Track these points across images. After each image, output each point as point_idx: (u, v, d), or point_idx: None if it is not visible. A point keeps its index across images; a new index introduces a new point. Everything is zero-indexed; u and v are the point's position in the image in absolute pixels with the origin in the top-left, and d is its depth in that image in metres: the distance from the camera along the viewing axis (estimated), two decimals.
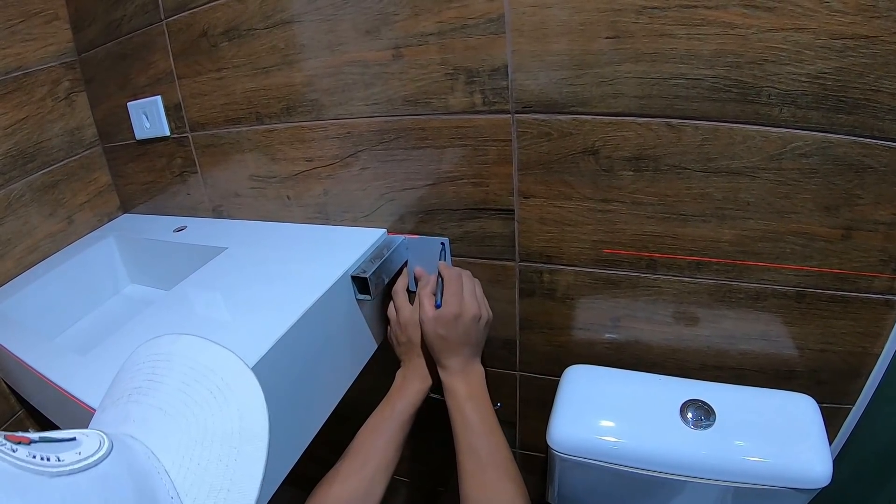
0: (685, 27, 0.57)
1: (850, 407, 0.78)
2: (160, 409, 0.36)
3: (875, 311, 0.68)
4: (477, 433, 0.69)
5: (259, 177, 0.89)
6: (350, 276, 0.72)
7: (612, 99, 0.62)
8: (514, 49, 0.63)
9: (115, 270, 1.01)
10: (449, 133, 0.71)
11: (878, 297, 0.67)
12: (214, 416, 0.35)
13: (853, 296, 0.68)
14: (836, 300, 0.68)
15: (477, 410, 0.71)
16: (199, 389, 0.37)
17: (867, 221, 0.62)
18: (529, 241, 0.75)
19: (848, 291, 0.68)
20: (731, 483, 0.68)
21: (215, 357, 0.39)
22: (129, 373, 0.40)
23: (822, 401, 0.75)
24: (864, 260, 0.65)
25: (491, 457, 0.67)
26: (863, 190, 0.61)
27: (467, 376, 0.73)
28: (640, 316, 0.76)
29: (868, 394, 0.76)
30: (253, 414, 0.36)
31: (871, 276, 0.66)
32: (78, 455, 0.28)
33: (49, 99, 0.98)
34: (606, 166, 0.66)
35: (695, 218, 0.66)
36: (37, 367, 0.66)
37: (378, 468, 0.70)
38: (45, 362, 0.66)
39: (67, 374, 0.62)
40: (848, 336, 0.71)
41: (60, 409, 0.72)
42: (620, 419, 0.71)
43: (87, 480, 0.28)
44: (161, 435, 0.34)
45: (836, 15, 0.52)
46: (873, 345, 0.71)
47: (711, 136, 0.61)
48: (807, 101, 0.57)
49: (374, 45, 0.69)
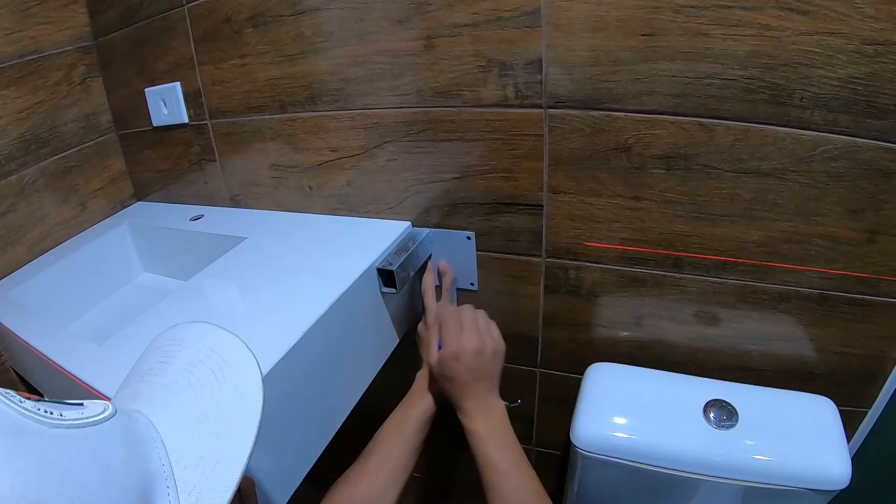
0: (721, 27, 0.57)
1: (867, 410, 0.78)
2: (165, 386, 0.38)
3: (895, 315, 0.68)
4: (500, 472, 0.67)
5: (280, 166, 0.89)
6: (376, 269, 0.72)
7: (646, 96, 0.63)
8: (549, 43, 0.63)
9: (128, 259, 1.01)
10: (480, 126, 0.71)
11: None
12: (213, 394, 0.37)
13: (874, 300, 0.68)
14: (858, 303, 0.69)
15: (499, 448, 0.68)
16: (202, 369, 0.39)
17: (892, 226, 0.63)
18: (557, 237, 0.75)
19: (870, 295, 0.68)
20: (752, 483, 0.69)
21: (220, 340, 0.42)
22: (146, 357, 0.43)
23: (840, 403, 0.75)
24: (887, 264, 0.66)
25: (515, 494, 0.66)
26: (888, 195, 0.61)
27: (485, 414, 0.70)
28: (665, 315, 0.77)
29: (885, 398, 0.77)
30: (249, 392, 0.37)
31: (894, 281, 0.66)
32: (80, 414, 0.31)
33: (64, 84, 0.98)
34: (638, 164, 0.66)
35: (723, 218, 0.67)
36: (49, 354, 0.66)
37: (393, 470, 0.70)
38: (58, 350, 0.66)
39: (81, 362, 0.62)
40: (868, 340, 0.72)
41: (71, 397, 0.73)
42: (644, 418, 0.72)
43: (81, 435, 0.30)
44: (162, 408, 0.36)
45: (868, 20, 0.53)
46: (892, 349, 0.71)
47: (743, 136, 0.62)
48: (837, 105, 0.58)
49: (405, 34, 0.70)
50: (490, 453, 0.68)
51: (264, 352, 0.55)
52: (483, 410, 0.70)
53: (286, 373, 0.56)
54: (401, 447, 0.72)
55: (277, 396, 0.55)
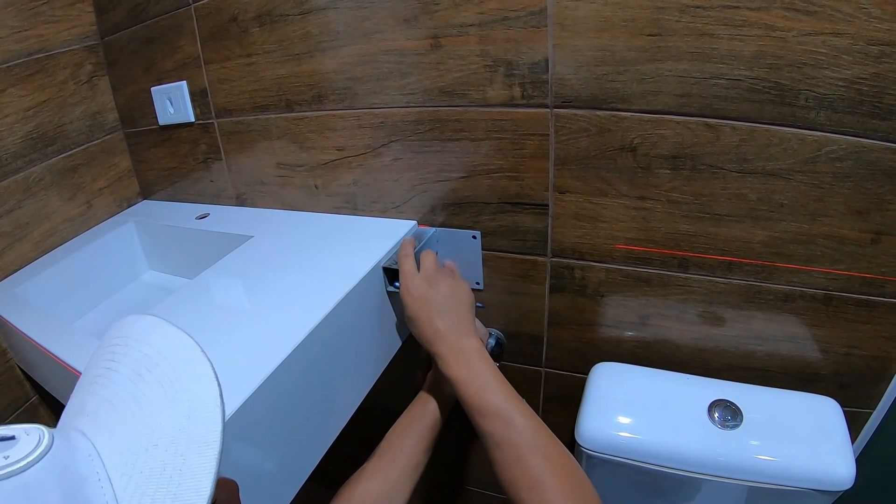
0: (727, 27, 0.58)
1: (871, 412, 0.79)
2: (110, 402, 0.33)
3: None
4: (488, 415, 0.60)
5: (286, 165, 0.90)
6: (382, 268, 0.73)
7: (651, 96, 0.64)
8: (556, 43, 0.64)
9: (133, 256, 1.02)
10: (486, 125, 0.72)
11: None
12: (162, 413, 0.31)
13: (880, 300, 0.69)
14: (863, 304, 0.70)
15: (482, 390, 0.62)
16: (149, 380, 0.33)
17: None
18: (562, 236, 0.76)
19: (875, 296, 0.69)
20: (756, 483, 0.69)
21: (169, 341, 0.36)
22: (97, 357, 0.38)
23: (845, 404, 0.76)
24: (893, 265, 0.66)
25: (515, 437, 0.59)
26: (894, 195, 0.62)
27: (459, 355, 0.65)
28: (670, 314, 0.78)
29: (889, 399, 0.78)
30: (204, 412, 0.31)
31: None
32: (5, 459, 0.26)
33: (71, 82, 0.99)
34: (644, 164, 0.67)
35: (728, 218, 0.68)
36: (55, 351, 0.67)
37: (405, 468, 0.71)
38: (63, 347, 0.67)
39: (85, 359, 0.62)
40: (873, 340, 0.73)
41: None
42: (649, 417, 0.73)
43: (5, 490, 0.25)
44: (108, 433, 0.31)
45: (873, 21, 0.54)
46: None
47: (748, 137, 0.63)
48: (843, 106, 0.59)
49: (411, 33, 0.71)
50: (472, 397, 0.62)
51: (270, 349, 0.57)
52: (457, 351, 0.66)
53: (292, 370, 0.57)
54: (413, 445, 0.73)
55: (282, 394, 0.57)
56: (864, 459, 0.85)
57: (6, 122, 0.90)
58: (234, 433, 0.50)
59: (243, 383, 0.52)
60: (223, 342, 0.60)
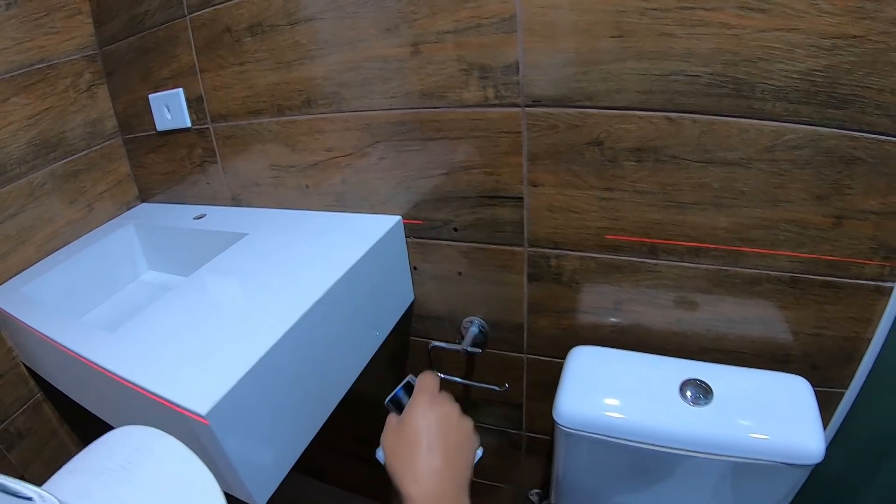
0: (684, 27, 0.65)
1: (844, 391, 0.85)
2: (123, 501, 0.36)
3: (866, 297, 0.75)
4: None
5: (279, 166, 0.98)
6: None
7: (615, 94, 0.71)
8: (525, 47, 0.72)
9: (133, 257, 1.10)
10: (463, 125, 0.80)
11: (869, 284, 0.74)
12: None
13: (845, 282, 0.75)
14: (829, 286, 0.76)
15: None
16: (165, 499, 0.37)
17: (857, 211, 0.70)
18: (537, 227, 0.84)
19: (840, 277, 0.75)
20: (728, 457, 0.75)
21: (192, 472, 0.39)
22: (105, 449, 0.40)
23: (817, 384, 0.81)
24: (855, 247, 0.72)
25: None
26: (853, 180, 0.68)
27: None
28: (643, 300, 0.85)
29: (861, 379, 0.83)
30: None
31: (863, 263, 0.73)
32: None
33: (71, 91, 1.07)
34: (610, 157, 0.75)
35: (693, 206, 0.75)
36: (64, 343, 0.74)
37: None
38: (72, 338, 0.74)
39: (94, 348, 0.70)
40: (841, 321, 0.79)
41: (83, 387, 0.81)
42: (623, 396, 0.80)
43: None
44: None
45: (825, 16, 0.60)
46: (865, 330, 0.78)
47: (708, 129, 0.70)
48: (798, 97, 0.65)
49: (393, 41, 0.79)
50: None
51: (266, 331, 0.65)
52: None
53: (278, 359, 0.65)
54: None
55: (278, 373, 0.64)
56: (840, 438, 0.91)
57: (10, 129, 0.97)
58: (234, 406, 0.58)
59: (240, 361, 0.60)
60: (220, 326, 0.69)
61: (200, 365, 0.63)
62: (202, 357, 0.64)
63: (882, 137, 0.65)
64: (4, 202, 0.98)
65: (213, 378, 0.59)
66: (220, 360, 0.62)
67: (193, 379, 0.60)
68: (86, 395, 0.84)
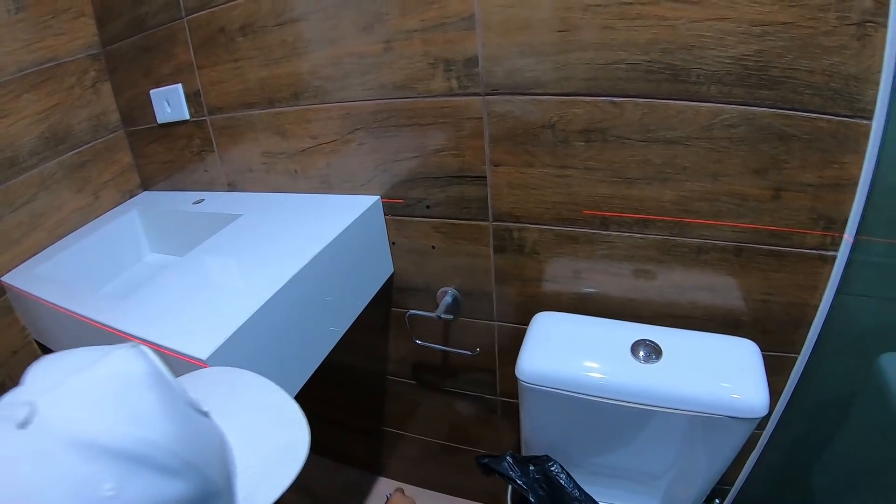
0: (624, 20, 0.74)
1: (796, 356, 0.93)
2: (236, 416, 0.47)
3: (810, 264, 0.83)
4: None
5: (270, 153, 1.09)
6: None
7: (565, 81, 0.81)
8: (484, 42, 0.82)
9: (137, 241, 1.21)
10: (432, 113, 0.90)
11: (812, 252, 0.82)
12: (269, 434, 0.47)
13: (788, 251, 0.83)
14: (773, 254, 0.84)
15: None
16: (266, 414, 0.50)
17: (795, 183, 0.78)
18: (500, 203, 0.94)
19: (783, 247, 0.83)
20: (677, 411, 0.84)
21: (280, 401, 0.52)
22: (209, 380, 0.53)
23: (769, 349, 0.89)
24: (795, 218, 0.80)
25: None
26: (788, 155, 0.76)
27: None
28: (599, 269, 0.95)
29: (811, 344, 0.91)
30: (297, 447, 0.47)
31: (803, 233, 0.81)
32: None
33: (77, 87, 1.17)
34: (562, 138, 0.85)
35: (639, 181, 0.85)
36: (79, 311, 0.84)
37: None
38: (87, 308, 0.84)
39: (107, 314, 0.80)
40: (787, 288, 0.87)
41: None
42: (579, 355, 0.90)
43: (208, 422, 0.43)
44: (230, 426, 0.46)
45: (755, 5, 0.68)
46: (811, 297, 0.86)
47: (649, 110, 0.79)
48: (731, 80, 0.74)
49: (368, 39, 0.89)
50: None
51: (259, 291, 0.76)
52: None
53: (275, 310, 0.76)
54: None
55: (269, 326, 0.75)
56: (797, 402, 0.98)
57: (23, 123, 1.07)
58: (230, 354, 0.69)
59: (236, 316, 0.71)
60: (218, 290, 0.80)
61: (202, 322, 0.73)
62: (203, 316, 0.75)
63: (815, 115, 0.73)
64: (18, 191, 1.07)
65: (213, 331, 0.70)
66: (218, 316, 0.73)
67: (196, 333, 0.71)
68: None
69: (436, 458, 1.46)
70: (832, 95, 0.72)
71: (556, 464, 0.92)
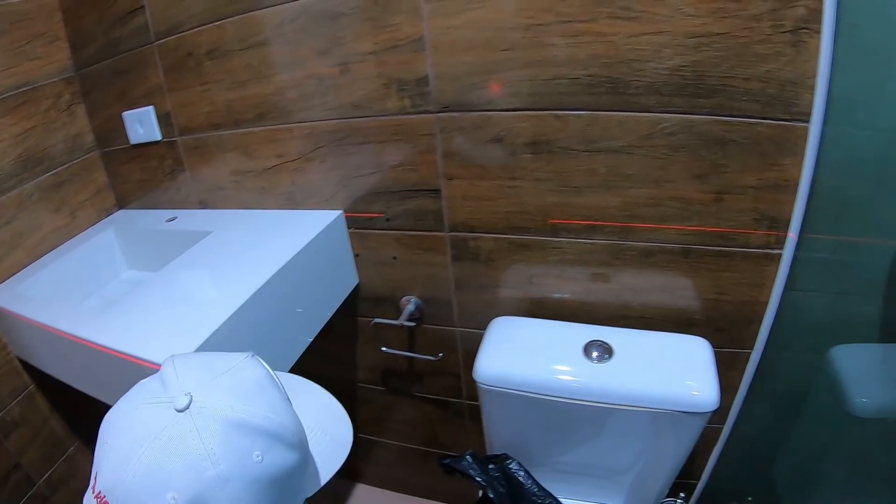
0: (564, 38, 0.80)
1: (750, 352, 0.98)
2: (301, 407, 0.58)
3: (757, 263, 0.88)
4: None
5: (239, 172, 1.14)
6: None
7: (511, 97, 0.87)
8: (433, 62, 0.88)
9: (114, 258, 1.25)
10: (388, 130, 0.96)
11: (758, 252, 0.87)
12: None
13: (734, 251, 0.89)
14: (720, 255, 0.89)
15: None
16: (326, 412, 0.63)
17: (736, 186, 0.83)
18: (455, 214, 1.00)
19: (729, 247, 0.88)
20: (629, 407, 0.88)
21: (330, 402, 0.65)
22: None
23: (723, 346, 0.94)
24: (739, 219, 0.86)
25: None
26: (728, 160, 0.81)
27: None
28: (552, 273, 1.00)
29: (763, 339, 0.96)
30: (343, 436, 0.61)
31: (748, 233, 0.86)
32: None
33: (53, 110, 1.21)
34: (510, 151, 0.91)
35: (585, 189, 0.90)
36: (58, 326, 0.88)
37: None
38: (65, 322, 0.88)
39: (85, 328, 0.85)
40: (736, 286, 0.92)
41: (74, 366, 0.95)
42: (533, 356, 0.95)
43: None
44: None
45: (689, 18, 0.73)
46: (760, 294, 0.91)
47: (592, 122, 0.85)
48: (669, 90, 0.79)
49: (327, 62, 0.94)
50: None
51: (227, 302, 0.82)
52: None
53: (244, 316, 0.82)
54: None
55: (239, 334, 0.81)
56: (754, 396, 1.02)
57: (1, 146, 1.11)
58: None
59: (207, 326, 0.77)
60: (190, 302, 0.86)
61: (176, 332, 0.79)
62: (178, 326, 0.80)
63: (753, 120, 0.78)
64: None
65: (187, 339, 0.75)
66: (191, 325, 0.79)
67: (171, 342, 0.76)
68: (77, 373, 0.97)
69: (410, 463, 1.50)
70: (769, 101, 0.76)
71: (515, 461, 0.97)
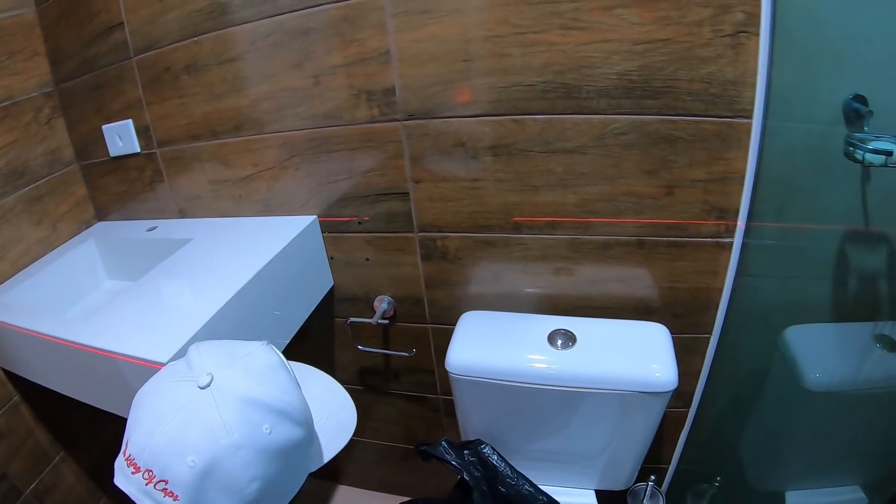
0: (520, 48, 0.87)
1: (709, 336, 1.05)
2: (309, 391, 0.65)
3: (709, 251, 0.96)
4: None
5: (216, 181, 1.19)
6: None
7: (472, 104, 0.94)
8: (399, 73, 0.95)
9: (95, 269, 1.29)
10: (358, 138, 1.03)
11: (709, 241, 0.95)
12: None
13: (687, 240, 0.96)
14: (673, 245, 0.97)
15: None
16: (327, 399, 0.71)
17: (685, 180, 0.90)
18: (423, 215, 1.06)
19: (681, 237, 0.96)
20: (592, 389, 0.95)
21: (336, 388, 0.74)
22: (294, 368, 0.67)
23: (682, 332, 1.01)
24: (689, 211, 0.93)
25: None
26: (676, 156, 0.89)
27: None
28: (517, 269, 1.07)
29: (720, 324, 1.03)
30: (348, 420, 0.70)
31: (699, 224, 0.94)
32: None
33: (34, 124, 1.24)
34: (472, 154, 0.98)
35: (544, 188, 0.97)
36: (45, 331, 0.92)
37: None
38: (52, 328, 0.92)
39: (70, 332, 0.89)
40: (690, 274, 0.99)
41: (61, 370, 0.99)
42: (500, 346, 1.02)
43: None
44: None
45: (635, 26, 0.81)
46: (714, 280, 0.99)
47: (547, 125, 0.92)
48: (618, 93, 0.86)
49: (299, 74, 1.01)
50: None
51: (207, 305, 0.86)
52: None
53: (225, 317, 0.87)
54: None
55: (219, 332, 0.86)
56: (715, 379, 1.09)
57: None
58: None
59: (189, 326, 0.82)
60: (171, 307, 0.91)
61: (160, 332, 0.83)
62: (161, 327, 0.85)
63: (698, 118, 0.86)
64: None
65: (170, 338, 0.80)
66: (175, 326, 0.83)
67: (155, 341, 0.80)
68: (63, 378, 1.01)
69: (391, 462, 1.56)
70: (712, 100, 0.84)
71: (488, 446, 1.03)
